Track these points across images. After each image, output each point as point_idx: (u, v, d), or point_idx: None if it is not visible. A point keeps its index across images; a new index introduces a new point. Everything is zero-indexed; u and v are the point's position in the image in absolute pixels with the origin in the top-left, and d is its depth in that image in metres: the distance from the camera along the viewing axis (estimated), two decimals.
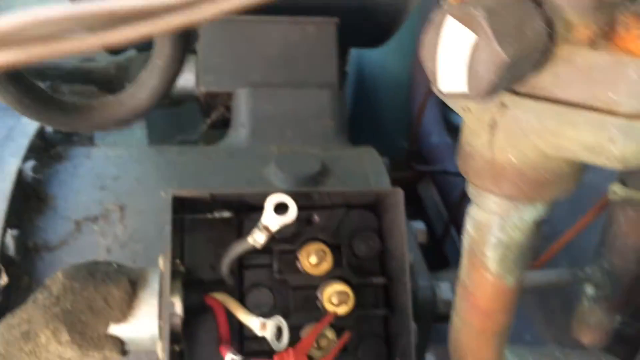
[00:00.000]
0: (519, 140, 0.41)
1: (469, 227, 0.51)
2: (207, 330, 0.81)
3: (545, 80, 0.38)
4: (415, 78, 2.05)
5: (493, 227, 0.49)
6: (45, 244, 0.90)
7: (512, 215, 0.47)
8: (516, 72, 0.34)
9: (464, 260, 0.54)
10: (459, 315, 0.58)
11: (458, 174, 0.49)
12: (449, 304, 0.95)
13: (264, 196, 0.74)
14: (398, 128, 2.20)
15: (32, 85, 0.45)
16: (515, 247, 0.50)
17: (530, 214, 0.47)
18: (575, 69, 0.37)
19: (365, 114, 2.30)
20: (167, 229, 0.74)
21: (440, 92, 0.37)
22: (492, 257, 0.50)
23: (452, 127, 2.02)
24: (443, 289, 1.03)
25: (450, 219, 1.92)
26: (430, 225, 2.04)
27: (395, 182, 0.90)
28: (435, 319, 1.08)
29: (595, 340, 0.91)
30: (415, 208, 2.18)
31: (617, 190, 0.75)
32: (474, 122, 0.43)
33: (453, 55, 0.34)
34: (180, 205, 0.84)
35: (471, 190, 0.49)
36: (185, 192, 0.77)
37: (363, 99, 2.30)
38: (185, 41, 0.46)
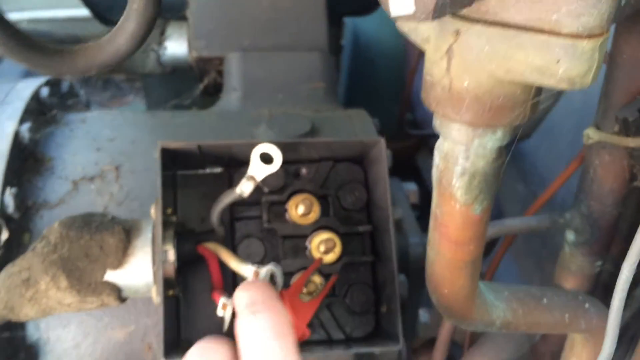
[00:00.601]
0: (473, 66, 0.43)
1: (436, 159, 0.54)
2: (201, 280, 0.85)
3: (493, 4, 0.40)
4: (408, 47, 2.06)
5: (458, 157, 0.52)
6: (44, 203, 0.93)
7: (474, 142, 0.50)
8: None
9: (434, 193, 0.57)
10: (433, 247, 0.61)
11: None
12: None
13: (250, 147, 0.77)
14: (395, 99, 2.22)
15: (16, 30, 0.48)
16: (479, 175, 0.52)
17: (491, 141, 0.50)
18: None
19: (362, 87, 2.31)
20: (158, 179, 0.77)
21: (394, 19, 0.39)
22: (458, 186, 0.53)
23: None
24: None
25: None
26: (428, 194, 2.07)
27: (393, 152, 0.92)
28: None
29: (577, 286, 0.94)
30: (414, 178, 2.20)
31: (591, 134, 0.77)
32: (433, 52, 0.46)
33: None
34: (172, 162, 0.87)
35: (436, 122, 0.51)
36: (173, 144, 0.79)
37: (360, 72, 2.31)
38: None
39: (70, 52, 0.50)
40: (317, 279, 0.83)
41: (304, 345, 0.83)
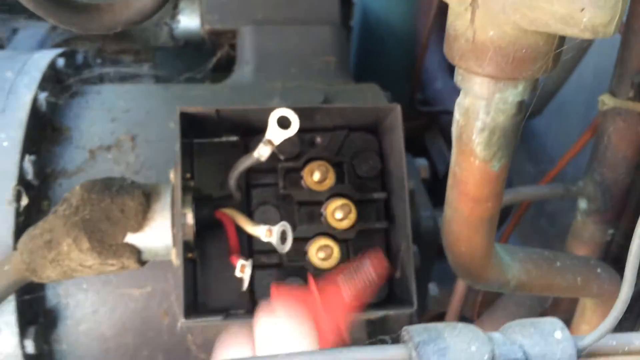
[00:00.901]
0: (498, 17, 0.44)
1: (457, 114, 0.55)
2: (217, 246, 0.86)
3: None
4: (418, 26, 2.06)
5: (478, 111, 0.52)
6: (62, 171, 0.95)
7: (495, 97, 0.50)
8: None
9: (454, 149, 0.58)
10: (450, 205, 0.62)
11: None
12: None
13: (267, 113, 0.78)
14: (405, 78, 2.22)
15: None
16: (499, 131, 0.53)
17: (512, 95, 0.50)
18: None
19: (371, 66, 2.31)
20: (178, 143, 0.78)
21: None
22: (478, 142, 0.54)
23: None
24: None
25: None
26: (437, 173, 2.07)
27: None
28: (438, 250, 1.13)
29: (589, 255, 0.95)
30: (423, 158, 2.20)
31: (606, 101, 0.77)
32: (457, 4, 0.46)
33: None
34: (190, 130, 0.88)
35: (458, 77, 0.52)
36: (192, 109, 0.80)
37: (369, 51, 2.30)
38: None
39: (97, 8, 0.51)
40: (333, 246, 0.84)
41: None
